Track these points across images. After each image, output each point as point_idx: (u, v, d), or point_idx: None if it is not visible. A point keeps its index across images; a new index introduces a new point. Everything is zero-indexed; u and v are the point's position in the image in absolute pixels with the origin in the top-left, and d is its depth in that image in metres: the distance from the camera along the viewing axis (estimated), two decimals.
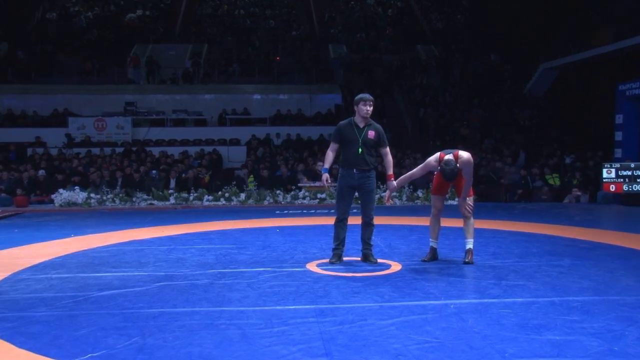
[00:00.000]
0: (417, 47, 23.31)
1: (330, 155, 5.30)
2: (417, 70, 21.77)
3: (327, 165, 5.29)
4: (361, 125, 5.23)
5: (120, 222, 8.97)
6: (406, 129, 18.83)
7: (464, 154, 5.09)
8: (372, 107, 5.21)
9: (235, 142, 17.86)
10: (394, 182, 5.33)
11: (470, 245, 5.25)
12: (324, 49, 23.04)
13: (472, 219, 5.26)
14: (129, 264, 5.38)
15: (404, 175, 5.53)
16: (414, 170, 5.51)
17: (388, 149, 5.38)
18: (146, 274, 4.91)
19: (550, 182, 13.11)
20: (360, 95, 5.27)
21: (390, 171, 5.33)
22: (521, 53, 21.11)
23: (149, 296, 4.11)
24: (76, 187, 12.18)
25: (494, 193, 13.24)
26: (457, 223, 6.30)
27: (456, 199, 5.78)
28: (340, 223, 5.31)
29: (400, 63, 21.93)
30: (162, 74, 20.84)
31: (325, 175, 5.26)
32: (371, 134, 5.23)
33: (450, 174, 4.98)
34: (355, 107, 5.26)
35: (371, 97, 5.24)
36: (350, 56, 22.00)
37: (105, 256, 5.82)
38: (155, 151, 16.50)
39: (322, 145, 15.92)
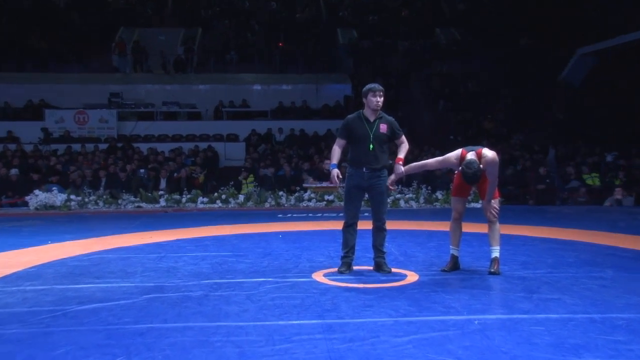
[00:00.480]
0: (436, 31, 23.23)
1: (337, 151, 5.29)
2: (436, 57, 21.70)
3: (335, 161, 5.27)
4: (371, 118, 5.22)
5: (104, 227, 8.99)
6: (424, 123, 18.79)
7: (489, 153, 5.07)
8: (382, 98, 5.20)
9: (233, 137, 17.88)
10: (402, 167, 5.29)
11: (496, 253, 5.22)
12: (331, 33, 23.03)
13: (497, 224, 5.24)
14: (114, 274, 5.38)
15: (415, 163, 5.53)
16: (429, 160, 5.50)
17: (404, 137, 5.37)
18: (133, 285, 4.91)
19: (589, 182, 13.03)
20: (368, 86, 5.26)
21: (402, 155, 5.30)
22: (554, 37, 20.99)
23: (136, 310, 4.11)
24: (54, 188, 12.22)
25: (523, 195, 13.21)
26: (481, 228, 6.27)
27: (480, 202, 5.75)
28: (350, 228, 5.30)
29: (417, 49, 21.88)
30: (151, 62, 20.89)
31: (335, 171, 5.22)
32: (383, 127, 5.22)
33: (472, 178, 4.95)
34: (364, 99, 5.26)
35: (381, 87, 5.23)
36: (361, 42, 21.96)
37: (87, 265, 5.83)
38: (144, 148, 16.55)
39: (330, 141, 15.91)
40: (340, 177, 5.24)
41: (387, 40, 22.17)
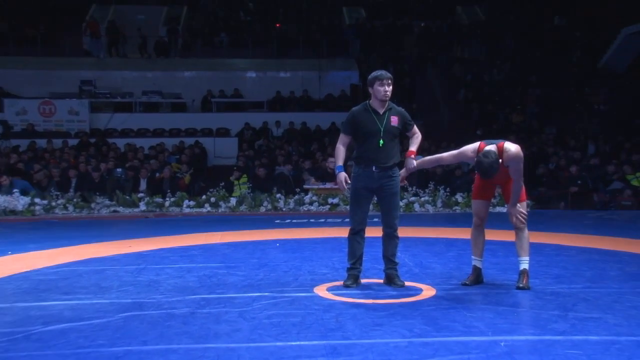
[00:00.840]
0: (456, 10, 23.24)
1: (341, 150, 5.30)
2: (457, 39, 21.71)
3: (340, 162, 5.28)
4: (380, 110, 5.23)
5: (75, 235, 8.99)
6: (442, 115, 18.80)
7: (512, 147, 5.07)
8: (391, 87, 5.21)
9: (223, 132, 17.90)
10: (414, 161, 5.33)
11: (525, 265, 5.22)
12: (336, 13, 23.06)
13: (526, 231, 5.23)
14: (86, 290, 5.38)
15: (428, 157, 5.57)
16: (444, 154, 5.51)
17: (416, 127, 5.43)
18: (108, 301, 4.91)
19: (634, 183, 13.05)
20: (374, 73, 5.26)
21: (414, 147, 5.36)
22: (595, 14, 20.94)
23: (112, 330, 4.11)
24: (15, 190, 12.22)
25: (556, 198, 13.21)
26: (507, 236, 6.25)
27: (505, 205, 5.75)
28: (356, 236, 5.30)
29: (435, 31, 21.89)
30: (129, 45, 20.93)
31: (343, 175, 5.23)
32: (394, 120, 5.23)
33: (487, 170, 4.94)
34: (370, 89, 5.27)
35: (389, 75, 5.24)
36: (370, 22, 21.99)
37: (54, 279, 5.83)
38: (121, 143, 16.57)
39: (334, 136, 15.91)
40: (349, 181, 5.25)
41: (399, 20, 22.18)
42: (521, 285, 5.14)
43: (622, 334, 3.92)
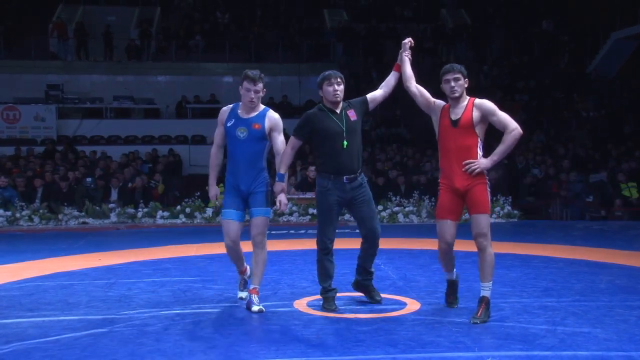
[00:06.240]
0: (441, 13, 23.42)
1: (289, 155, 5.19)
2: (442, 43, 21.86)
3: (283, 170, 5.13)
4: (337, 109, 5.14)
5: (41, 249, 8.90)
6: (426, 122, 18.86)
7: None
8: (342, 86, 5.10)
9: (199, 139, 17.85)
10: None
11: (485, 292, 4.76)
12: (317, 15, 23.13)
13: (489, 250, 4.77)
14: (52, 306, 5.34)
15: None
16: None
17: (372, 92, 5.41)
18: (76, 318, 4.88)
19: (626, 193, 13.18)
20: (323, 74, 5.16)
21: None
22: (584, 18, 21.19)
23: (80, 349, 4.08)
24: None
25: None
26: (494, 248, 6.28)
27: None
28: (329, 255, 5.12)
29: (420, 34, 22.02)
30: (99, 48, 20.81)
31: (281, 185, 5.11)
32: (352, 114, 5.14)
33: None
34: (321, 92, 5.17)
35: (339, 74, 5.15)
36: (352, 25, 22.08)
37: (17, 295, 5.77)
38: (90, 151, 16.45)
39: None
40: (286, 202, 5.15)
41: (382, 23, 22.30)
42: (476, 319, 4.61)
43: (612, 349, 3.97)
